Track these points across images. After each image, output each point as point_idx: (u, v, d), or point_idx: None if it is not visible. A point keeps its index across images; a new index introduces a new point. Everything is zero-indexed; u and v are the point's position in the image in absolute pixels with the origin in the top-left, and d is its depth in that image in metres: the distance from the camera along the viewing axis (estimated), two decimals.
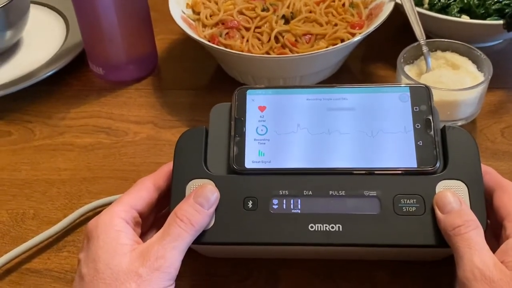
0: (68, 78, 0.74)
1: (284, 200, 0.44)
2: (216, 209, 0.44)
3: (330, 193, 0.44)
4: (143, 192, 0.46)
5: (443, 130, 0.46)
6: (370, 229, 0.42)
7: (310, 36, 0.68)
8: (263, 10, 0.71)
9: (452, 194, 0.42)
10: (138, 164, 0.62)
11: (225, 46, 0.67)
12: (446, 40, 0.65)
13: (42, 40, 0.80)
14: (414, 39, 0.65)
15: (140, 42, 0.72)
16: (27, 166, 0.62)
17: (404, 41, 0.66)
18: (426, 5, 0.73)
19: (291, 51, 0.66)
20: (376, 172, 0.45)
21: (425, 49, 0.64)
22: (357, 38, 0.64)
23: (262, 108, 0.48)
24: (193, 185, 0.45)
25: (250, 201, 0.44)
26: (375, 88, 0.48)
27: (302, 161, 0.46)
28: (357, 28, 0.68)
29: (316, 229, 0.43)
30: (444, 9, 0.72)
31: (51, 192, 0.59)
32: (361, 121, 0.47)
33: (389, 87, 0.48)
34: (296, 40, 0.67)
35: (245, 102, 0.48)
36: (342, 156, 0.45)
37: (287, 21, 0.69)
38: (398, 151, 0.45)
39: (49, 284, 0.50)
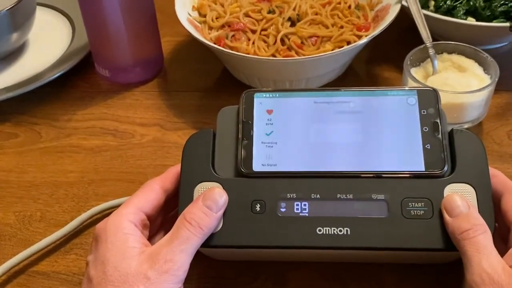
0: (74, 80, 0.75)
1: (292, 203, 0.44)
2: (224, 212, 0.44)
3: (338, 196, 0.44)
4: (151, 195, 0.46)
5: (450, 133, 0.46)
6: (378, 233, 0.42)
7: (316, 38, 0.67)
8: (269, 12, 0.71)
9: (460, 198, 0.42)
10: (145, 166, 0.62)
11: (231, 48, 0.67)
12: (452, 42, 0.65)
13: (48, 42, 0.80)
14: (420, 41, 0.65)
15: (146, 44, 0.72)
16: (34, 168, 0.63)
17: (410, 43, 0.66)
18: (432, 8, 0.73)
19: (297, 53, 0.66)
20: (384, 175, 0.45)
21: (431, 51, 0.64)
22: (363, 40, 0.64)
23: (269, 111, 0.48)
24: (201, 188, 0.45)
25: (258, 204, 0.44)
26: (382, 91, 0.48)
27: (310, 164, 0.46)
28: (363, 30, 0.68)
29: (324, 233, 0.43)
30: (450, 11, 0.72)
31: (58, 194, 0.59)
32: (368, 124, 0.47)
33: (396, 90, 0.48)
34: (302, 43, 0.67)
35: (253, 105, 0.48)
36: (350, 160, 0.45)
37: (293, 24, 0.69)
38: (405, 155, 0.45)
39: (56, 287, 0.51)
